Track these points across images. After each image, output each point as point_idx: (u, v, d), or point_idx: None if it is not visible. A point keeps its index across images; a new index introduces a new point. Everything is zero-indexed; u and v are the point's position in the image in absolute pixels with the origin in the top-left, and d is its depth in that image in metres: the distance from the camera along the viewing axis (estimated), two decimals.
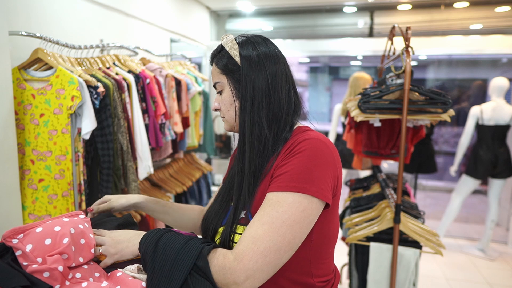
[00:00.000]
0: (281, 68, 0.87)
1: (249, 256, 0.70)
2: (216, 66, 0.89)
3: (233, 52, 0.86)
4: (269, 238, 0.71)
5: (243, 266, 0.69)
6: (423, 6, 3.84)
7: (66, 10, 1.86)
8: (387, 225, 1.76)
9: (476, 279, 2.97)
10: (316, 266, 0.83)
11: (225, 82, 0.88)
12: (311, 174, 0.74)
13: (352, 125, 2.16)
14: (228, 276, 0.70)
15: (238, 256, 0.71)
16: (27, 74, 1.48)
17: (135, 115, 1.84)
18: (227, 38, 0.90)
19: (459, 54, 4.10)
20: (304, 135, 0.81)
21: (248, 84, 0.83)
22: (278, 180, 0.76)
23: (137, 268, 0.78)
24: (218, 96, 0.91)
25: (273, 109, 0.84)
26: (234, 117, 0.88)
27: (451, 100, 1.64)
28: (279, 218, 0.72)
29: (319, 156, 0.76)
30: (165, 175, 2.63)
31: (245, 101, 0.84)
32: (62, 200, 1.49)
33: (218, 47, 0.92)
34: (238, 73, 0.85)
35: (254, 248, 0.70)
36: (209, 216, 0.95)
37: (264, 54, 0.86)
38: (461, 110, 5.35)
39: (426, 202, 5.04)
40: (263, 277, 0.71)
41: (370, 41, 3.91)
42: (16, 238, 0.71)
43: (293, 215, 0.72)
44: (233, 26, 4.36)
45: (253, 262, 0.69)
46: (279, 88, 0.85)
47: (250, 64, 0.84)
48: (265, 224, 0.72)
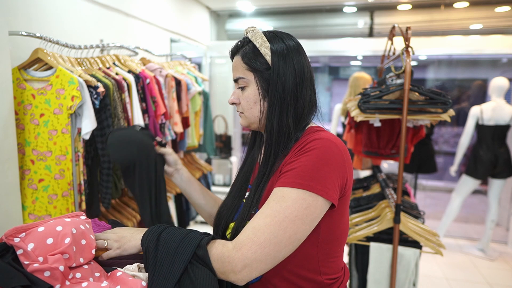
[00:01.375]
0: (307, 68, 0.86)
1: (248, 245, 0.71)
2: (243, 61, 0.86)
3: (264, 50, 0.83)
4: (270, 230, 0.72)
5: (242, 255, 0.71)
6: (423, 6, 3.84)
7: (66, 10, 1.86)
8: (387, 225, 1.76)
9: (476, 279, 2.97)
10: (324, 264, 0.83)
11: (251, 79, 0.85)
12: (318, 172, 0.75)
13: (352, 125, 2.16)
14: (226, 264, 0.71)
15: (237, 245, 0.72)
16: (27, 74, 1.48)
17: (135, 115, 1.85)
18: (255, 32, 0.85)
19: (459, 54, 4.10)
20: (315, 134, 0.81)
21: (278, 85, 0.82)
22: (285, 176, 0.77)
23: (137, 267, 0.78)
24: (239, 91, 0.89)
25: (298, 109, 0.85)
26: (257, 115, 0.87)
27: (451, 100, 1.65)
28: (282, 212, 0.72)
29: (328, 156, 0.76)
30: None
31: (274, 102, 0.83)
32: (62, 200, 1.49)
33: (244, 40, 0.88)
34: (267, 73, 0.84)
35: (254, 238, 0.71)
36: (222, 211, 0.95)
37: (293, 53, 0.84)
38: (461, 110, 5.35)
39: (426, 202, 5.04)
40: (261, 267, 0.72)
41: (370, 41, 3.91)
42: (18, 237, 0.71)
43: (296, 210, 0.73)
44: (233, 26, 4.36)
45: (251, 252, 0.71)
46: (305, 91, 0.85)
47: (280, 64, 0.83)
48: (268, 216, 0.73)
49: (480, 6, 3.69)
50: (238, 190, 0.94)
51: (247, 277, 0.72)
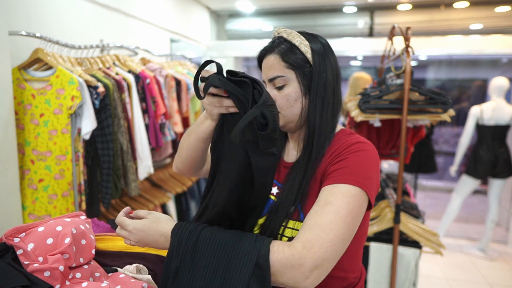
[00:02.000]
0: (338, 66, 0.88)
1: (319, 244, 0.67)
2: (282, 59, 0.85)
3: (304, 48, 0.84)
4: (337, 227, 0.69)
5: (313, 253, 0.66)
6: (423, 6, 3.84)
7: (66, 10, 1.86)
8: (387, 225, 1.76)
9: (476, 279, 2.97)
10: (350, 261, 0.86)
11: (292, 77, 0.84)
12: (368, 173, 0.76)
13: (352, 125, 2.16)
14: (296, 268, 0.66)
15: (307, 244, 0.67)
16: (27, 74, 1.48)
17: (135, 115, 1.85)
18: (290, 32, 0.86)
19: (459, 54, 4.10)
20: (354, 137, 0.83)
21: (320, 81, 0.83)
22: (337, 174, 0.76)
23: (135, 268, 0.78)
24: (275, 90, 0.86)
25: (335, 108, 0.86)
26: (297, 113, 0.86)
27: (451, 100, 1.65)
28: (345, 208, 0.71)
29: (374, 158, 0.79)
30: (165, 175, 2.63)
31: (316, 98, 0.83)
32: (62, 200, 1.49)
33: (279, 39, 0.87)
34: (308, 69, 0.84)
35: (323, 236, 0.68)
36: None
37: (328, 49, 0.86)
38: (461, 110, 5.35)
39: (426, 202, 5.04)
40: (330, 267, 0.69)
41: (370, 41, 3.91)
42: (18, 237, 0.71)
43: (355, 207, 0.73)
44: (233, 26, 4.36)
45: (323, 250, 0.66)
46: (340, 86, 0.87)
47: (320, 61, 0.84)
48: (331, 213, 0.70)
49: (480, 6, 3.69)
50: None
51: (317, 281, 0.67)
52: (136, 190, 1.83)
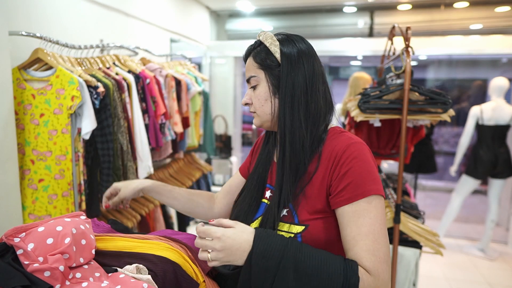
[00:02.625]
0: (318, 67, 0.88)
1: (380, 269, 0.73)
2: (254, 60, 0.89)
3: (274, 48, 0.86)
4: (380, 244, 0.75)
5: (382, 280, 0.73)
6: (423, 6, 3.84)
7: (66, 10, 1.86)
8: (387, 225, 1.76)
9: (476, 279, 2.97)
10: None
11: (262, 77, 0.88)
12: (373, 175, 0.79)
13: (352, 125, 2.16)
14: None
15: (374, 273, 0.73)
16: (27, 74, 1.48)
17: (135, 115, 1.85)
18: (266, 34, 0.90)
19: (459, 54, 4.10)
20: (344, 138, 0.84)
21: (288, 81, 0.84)
22: (348, 191, 0.78)
23: (135, 268, 0.78)
24: (251, 90, 0.91)
25: (310, 108, 0.86)
26: (269, 113, 0.88)
27: (451, 100, 1.64)
28: (376, 223, 0.76)
29: (368, 159, 0.81)
30: (165, 175, 2.63)
31: (285, 98, 0.85)
32: (62, 200, 1.49)
33: (255, 43, 0.92)
34: (277, 69, 0.86)
35: (378, 260, 0.73)
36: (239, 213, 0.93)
37: (303, 53, 0.87)
38: (461, 110, 5.35)
39: (426, 202, 5.04)
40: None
41: (370, 41, 3.91)
42: (18, 236, 0.71)
43: (380, 214, 0.77)
44: (233, 26, 4.36)
45: (385, 272, 0.74)
46: (316, 87, 0.87)
47: (290, 62, 0.85)
48: (369, 234, 0.75)
49: (480, 6, 3.69)
50: (255, 191, 0.94)
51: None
52: None
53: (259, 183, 0.94)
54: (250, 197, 0.94)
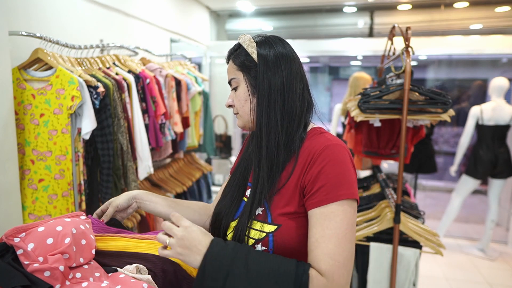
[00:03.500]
0: (296, 68, 0.89)
1: (336, 272, 0.73)
2: (233, 63, 0.91)
3: (251, 50, 0.88)
4: (342, 249, 0.75)
5: (337, 284, 0.73)
6: (423, 6, 3.84)
7: (66, 10, 1.86)
8: (387, 225, 1.76)
9: (476, 279, 2.97)
10: None
11: (241, 78, 0.89)
12: (347, 178, 0.79)
13: (352, 125, 2.16)
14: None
15: (328, 276, 0.73)
16: (27, 74, 1.48)
17: (135, 115, 1.85)
18: (245, 37, 0.92)
19: (459, 54, 4.10)
20: (322, 140, 0.83)
21: (264, 81, 0.86)
22: (322, 193, 0.78)
23: (135, 268, 0.78)
24: (233, 92, 0.93)
25: (287, 107, 0.86)
26: (249, 113, 0.89)
27: (451, 100, 1.64)
28: (341, 227, 0.76)
29: (345, 160, 0.80)
30: (165, 175, 2.63)
31: (262, 98, 0.86)
32: (62, 200, 1.49)
33: (235, 45, 0.93)
34: (254, 70, 0.87)
35: (336, 263, 0.73)
36: (220, 211, 0.95)
37: (280, 54, 0.88)
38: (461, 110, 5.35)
39: (426, 202, 5.04)
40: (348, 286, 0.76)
41: (370, 41, 3.91)
42: (18, 236, 0.71)
43: (348, 219, 0.77)
44: (233, 26, 4.36)
45: (342, 277, 0.73)
46: (294, 88, 0.87)
47: (267, 62, 0.86)
48: (332, 237, 0.75)
49: (480, 6, 3.69)
50: (237, 189, 0.95)
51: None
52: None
53: (240, 182, 0.95)
54: (231, 195, 0.95)
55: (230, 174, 1.10)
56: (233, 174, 1.00)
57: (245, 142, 1.08)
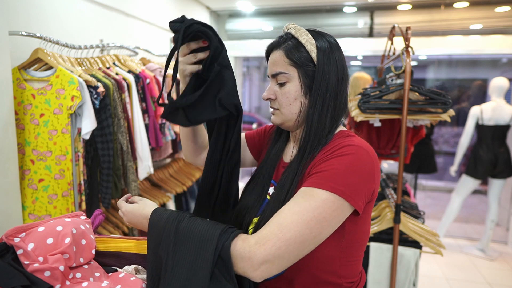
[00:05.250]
0: (345, 70, 0.87)
1: (273, 241, 0.69)
2: (286, 56, 0.84)
3: (310, 47, 0.82)
4: (297, 228, 0.70)
5: (264, 250, 0.68)
6: (423, 6, 3.84)
7: (66, 10, 1.86)
8: (387, 225, 1.76)
9: (476, 279, 2.97)
10: (344, 267, 0.83)
11: (294, 75, 0.83)
12: (349, 179, 0.74)
13: (352, 125, 2.16)
14: (246, 260, 0.69)
15: (260, 240, 0.69)
16: (27, 74, 1.48)
17: (135, 115, 1.85)
18: (300, 29, 0.85)
19: (459, 54, 4.10)
20: (348, 140, 0.80)
21: (323, 83, 0.82)
22: (316, 177, 0.75)
23: (134, 269, 0.78)
24: (277, 87, 0.86)
25: (337, 109, 0.84)
26: (296, 112, 0.85)
27: (451, 100, 1.64)
28: (311, 212, 0.71)
29: (360, 164, 0.76)
30: (165, 175, 2.63)
31: (316, 99, 0.82)
32: (62, 200, 1.49)
33: (286, 35, 0.86)
34: (311, 69, 0.83)
35: (279, 235, 0.69)
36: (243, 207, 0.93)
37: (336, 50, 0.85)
38: (461, 110, 5.35)
39: (426, 202, 5.04)
40: (282, 264, 0.70)
41: (370, 41, 3.91)
42: (18, 236, 0.71)
43: (324, 212, 0.72)
44: (233, 26, 4.36)
45: (275, 248, 0.68)
46: (344, 90, 0.85)
47: (325, 61, 0.82)
48: (295, 214, 0.71)
49: (480, 6, 3.69)
50: (261, 186, 0.93)
51: (266, 274, 0.69)
52: (136, 190, 1.83)
53: (266, 180, 0.93)
54: (257, 192, 0.93)
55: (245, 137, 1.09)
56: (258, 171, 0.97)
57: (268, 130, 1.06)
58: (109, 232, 1.85)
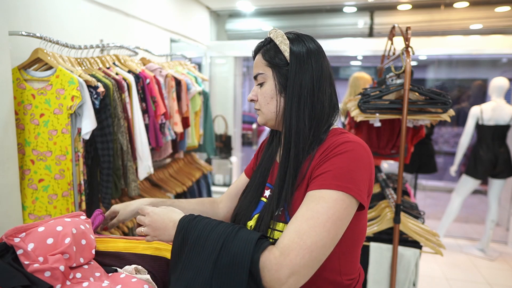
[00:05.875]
0: (327, 68, 0.88)
1: (296, 250, 0.68)
2: (263, 57, 0.89)
3: (283, 47, 0.86)
4: (315, 233, 0.70)
5: (290, 261, 0.67)
6: (423, 6, 3.84)
7: (66, 10, 1.86)
8: (387, 225, 1.76)
9: (476, 279, 2.97)
10: (344, 264, 0.84)
11: (270, 75, 0.88)
12: (353, 175, 0.76)
13: (352, 125, 2.16)
14: (273, 273, 0.67)
15: (284, 251, 0.68)
16: (27, 74, 1.48)
17: (135, 115, 1.84)
18: (277, 32, 0.89)
19: (459, 54, 4.10)
20: (343, 137, 0.82)
21: (296, 80, 0.84)
22: (321, 179, 0.76)
23: (134, 269, 0.78)
24: (258, 88, 0.91)
25: (315, 109, 0.85)
26: (274, 111, 0.88)
27: (451, 100, 1.65)
28: (325, 214, 0.72)
29: (360, 159, 0.78)
30: (165, 175, 2.63)
31: (291, 98, 0.84)
32: (62, 200, 1.49)
33: (265, 40, 0.91)
34: (285, 68, 0.86)
35: (300, 242, 0.69)
36: (239, 211, 0.95)
37: (312, 53, 0.86)
38: (461, 110, 5.35)
39: (426, 202, 5.04)
40: (308, 273, 0.70)
41: (370, 41, 3.91)
42: (18, 236, 0.71)
43: (337, 211, 0.72)
44: (233, 26, 4.36)
45: (300, 257, 0.68)
46: (324, 89, 0.86)
47: (299, 61, 0.85)
48: (310, 219, 0.71)
49: (480, 6, 3.69)
50: (256, 189, 0.94)
51: (294, 286, 0.68)
52: (136, 190, 1.83)
53: (260, 182, 0.95)
54: (251, 195, 0.95)
55: (245, 174, 1.10)
56: (254, 175, 0.99)
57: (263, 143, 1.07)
58: (109, 232, 1.85)
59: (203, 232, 0.74)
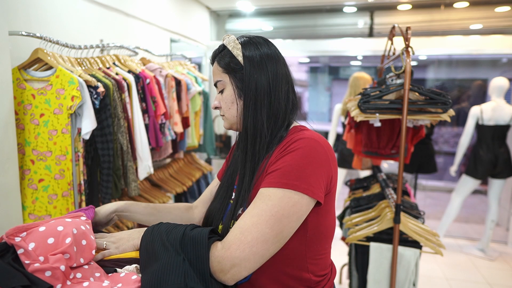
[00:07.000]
0: (282, 68, 0.89)
1: (236, 245, 0.73)
2: (218, 65, 0.91)
3: (236, 52, 0.88)
4: (257, 229, 0.73)
5: (230, 254, 0.72)
6: (423, 6, 3.84)
7: (66, 10, 1.86)
8: (387, 225, 1.76)
9: (476, 279, 2.97)
10: (312, 261, 0.85)
11: (227, 80, 0.89)
12: (303, 172, 0.76)
13: (352, 125, 2.16)
14: (215, 264, 0.73)
15: (226, 245, 0.73)
16: (27, 74, 1.48)
17: (135, 115, 1.85)
18: (229, 38, 0.92)
19: (459, 54, 4.10)
20: (299, 134, 0.83)
21: (251, 83, 0.86)
22: (270, 177, 0.78)
23: (135, 268, 0.78)
24: (219, 94, 0.93)
25: (272, 108, 0.87)
26: (235, 115, 0.90)
27: (451, 100, 1.65)
28: (268, 211, 0.74)
29: (312, 155, 0.78)
30: (165, 175, 2.63)
31: (248, 100, 0.86)
32: (62, 200, 1.49)
33: (219, 47, 0.93)
34: (240, 72, 0.87)
35: (241, 238, 0.73)
36: (210, 214, 0.97)
37: (266, 55, 0.88)
38: (461, 110, 5.35)
39: (426, 202, 5.04)
40: (249, 266, 0.73)
41: (370, 41, 3.91)
42: (19, 236, 0.71)
43: (282, 209, 0.74)
44: (233, 26, 4.36)
45: (240, 251, 0.72)
46: (279, 88, 0.88)
47: (252, 63, 0.86)
48: (254, 216, 0.74)
49: (480, 6, 3.69)
50: (225, 192, 0.96)
51: (236, 276, 0.73)
52: (136, 190, 1.83)
53: (228, 185, 0.96)
54: (220, 198, 0.96)
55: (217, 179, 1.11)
56: (223, 177, 1.01)
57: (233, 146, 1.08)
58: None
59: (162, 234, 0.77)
